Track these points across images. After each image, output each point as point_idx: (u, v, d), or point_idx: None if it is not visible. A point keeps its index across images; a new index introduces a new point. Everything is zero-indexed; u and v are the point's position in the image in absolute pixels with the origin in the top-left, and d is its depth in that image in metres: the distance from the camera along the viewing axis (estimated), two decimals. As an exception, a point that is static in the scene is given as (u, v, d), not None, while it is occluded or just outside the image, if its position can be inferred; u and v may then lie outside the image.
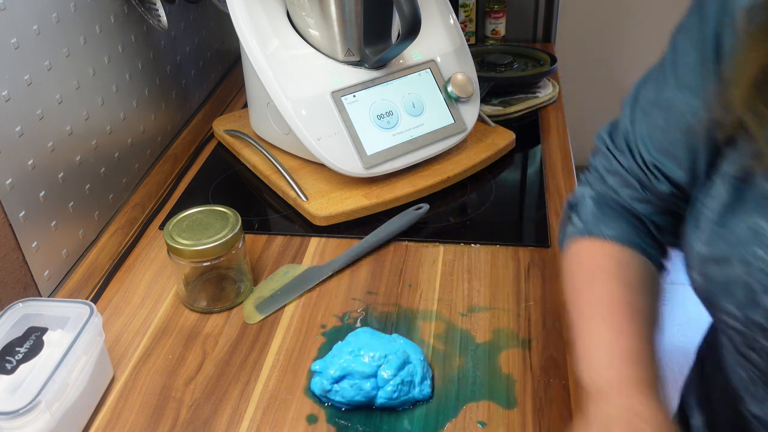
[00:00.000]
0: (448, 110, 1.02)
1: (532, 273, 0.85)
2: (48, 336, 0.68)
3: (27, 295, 0.82)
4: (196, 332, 0.80)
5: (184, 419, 0.70)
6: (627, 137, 0.63)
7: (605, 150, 0.66)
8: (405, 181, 1.00)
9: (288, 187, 0.99)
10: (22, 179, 0.80)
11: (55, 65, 0.85)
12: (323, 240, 0.94)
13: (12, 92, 0.78)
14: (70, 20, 0.88)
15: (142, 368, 0.76)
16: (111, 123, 0.99)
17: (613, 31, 2.17)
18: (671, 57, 0.58)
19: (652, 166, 0.60)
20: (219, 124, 1.19)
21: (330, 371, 0.70)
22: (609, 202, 0.65)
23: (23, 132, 0.80)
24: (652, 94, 0.60)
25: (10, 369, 0.64)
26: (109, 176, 0.99)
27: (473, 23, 1.49)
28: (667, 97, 0.58)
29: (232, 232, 0.79)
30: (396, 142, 0.98)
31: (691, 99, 0.56)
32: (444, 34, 1.06)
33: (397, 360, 0.70)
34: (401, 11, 0.88)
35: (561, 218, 0.70)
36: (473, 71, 1.07)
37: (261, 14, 0.96)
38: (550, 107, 1.25)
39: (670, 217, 0.63)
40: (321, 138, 0.94)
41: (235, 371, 0.75)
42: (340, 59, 0.99)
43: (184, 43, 1.21)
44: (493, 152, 1.06)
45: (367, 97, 0.98)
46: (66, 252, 0.90)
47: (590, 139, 0.74)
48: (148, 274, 0.90)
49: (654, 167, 0.60)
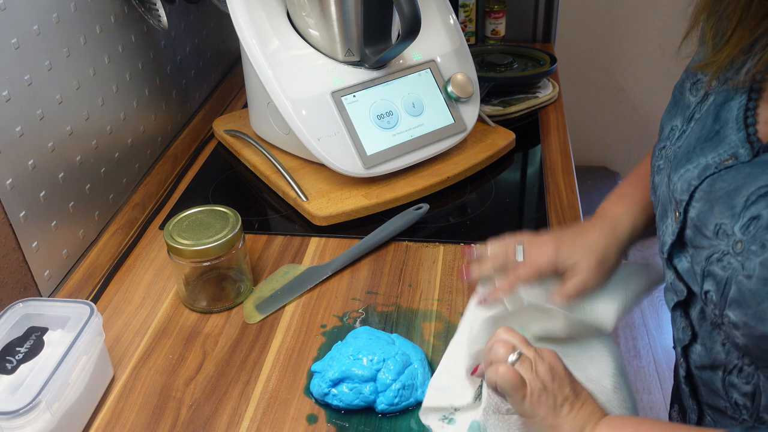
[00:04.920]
0: (448, 110, 1.03)
1: (532, 273, 0.85)
2: (48, 336, 0.68)
3: (27, 295, 0.82)
4: (196, 332, 0.80)
5: (184, 419, 0.70)
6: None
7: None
8: (405, 181, 1.00)
9: (288, 187, 0.99)
10: (22, 179, 0.80)
11: (55, 65, 0.85)
12: (323, 240, 0.94)
13: (12, 92, 0.78)
14: (70, 20, 0.88)
15: (142, 368, 0.76)
16: (111, 123, 0.99)
17: (613, 31, 2.17)
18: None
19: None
20: (219, 124, 1.19)
21: (329, 374, 0.70)
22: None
23: (23, 132, 0.80)
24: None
25: (11, 369, 0.64)
26: (109, 176, 0.99)
27: (473, 23, 1.49)
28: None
29: (232, 232, 0.79)
30: (396, 142, 0.98)
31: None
32: (444, 34, 1.06)
33: (397, 364, 0.69)
34: (401, 11, 0.88)
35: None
36: (473, 71, 1.07)
37: (261, 14, 0.96)
38: (550, 107, 1.25)
39: None
40: (321, 138, 0.94)
41: (235, 371, 0.75)
42: (340, 59, 0.99)
43: (184, 43, 1.21)
44: (493, 152, 1.06)
45: (367, 97, 0.98)
46: (66, 252, 0.90)
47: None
48: (148, 274, 0.90)
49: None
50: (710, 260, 0.59)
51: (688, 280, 0.63)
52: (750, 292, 0.54)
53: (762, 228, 0.54)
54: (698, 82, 0.66)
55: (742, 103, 0.60)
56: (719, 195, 0.58)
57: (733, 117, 0.60)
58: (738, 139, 0.59)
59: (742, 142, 0.58)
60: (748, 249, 0.55)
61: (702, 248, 0.60)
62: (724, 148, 0.60)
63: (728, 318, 0.57)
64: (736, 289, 0.56)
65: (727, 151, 0.59)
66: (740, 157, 0.58)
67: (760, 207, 0.54)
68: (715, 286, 0.58)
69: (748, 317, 0.55)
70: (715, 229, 0.58)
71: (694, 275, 0.61)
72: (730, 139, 0.59)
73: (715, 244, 0.58)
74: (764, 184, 0.54)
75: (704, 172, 0.60)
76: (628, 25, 2.15)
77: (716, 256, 0.58)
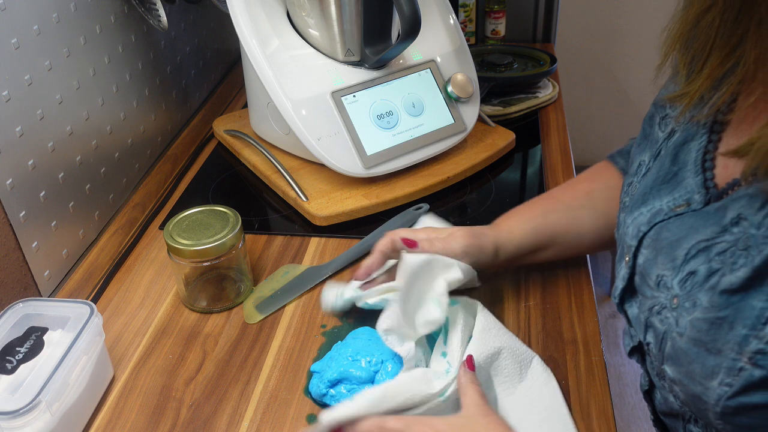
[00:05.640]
0: (448, 110, 1.03)
1: (532, 273, 0.85)
2: (48, 336, 0.68)
3: (27, 295, 0.82)
4: (196, 332, 0.80)
5: (184, 419, 0.70)
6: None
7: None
8: (405, 181, 1.00)
9: (288, 187, 0.99)
10: (22, 179, 0.80)
11: (55, 65, 0.85)
12: (323, 240, 0.94)
13: (12, 92, 0.78)
14: (70, 20, 0.88)
15: (142, 368, 0.76)
16: (111, 123, 0.99)
17: (613, 31, 2.17)
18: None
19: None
20: (219, 124, 1.19)
21: (327, 374, 0.70)
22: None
23: (23, 132, 0.80)
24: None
25: (11, 369, 0.64)
26: (109, 176, 0.99)
27: (473, 23, 1.49)
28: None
29: (232, 232, 0.79)
30: (396, 142, 0.98)
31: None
32: (444, 34, 1.06)
33: (395, 366, 0.69)
34: (401, 11, 0.88)
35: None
36: (473, 71, 1.07)
37: (261, 14, 0.96)
38: (550, 107, 1.25)
39: None
40: (321, 138, 0.94)
41: (235, 371, 0.75)
42: (340, 59, 0.99)
43: (184, 43, 1.21)
44: (493, 152, 1.06)
45: (367, 97, 0.98)
46: (66, 252, 0.90)
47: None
48: (148, 274, 0.90)
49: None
50: (652, 311, 0.57)
51: (636, 328, 0.61)
52: (681, 350, 0.53)
53: (697, 285, 0.52)
54: (667, 117, 0.64)
55: (701, 144, 0.57)
56: (663, 245, 0.56)
57: (692, 159, 0.58)
58: (695, 184, 0.56)
59: (698, 186, 0.56)
60: (682, 305, 0.53)
61: (646, 298, 0.58)
62: (680, 192, 0.57)
63: (666, 373, 0.56)
64: (670, 345, 0.54)
65: (682, 195, 0.57)
66: (693, 203, 0.56)
67: (699, 262, 0.52)
68: (654, 339, 0.57)
69: (682, 375, 0.53)
70: (657, 279, 0.56)
71: (640, 324, 0.59)
72: (687, 182, 0.57)
73: (656, 296, 0.56)
74: (705, 239, 0.52)
75: (654, 218, 0.58)
76: (628, 25, 2.15)
77: (656, 308, 0.56)
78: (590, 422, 0.66)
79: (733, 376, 0.49)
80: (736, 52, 0.54)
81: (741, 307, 0.48)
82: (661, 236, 0.57)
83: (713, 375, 0.50)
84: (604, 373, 0.71)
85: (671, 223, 0.56)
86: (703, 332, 0.50)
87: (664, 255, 0.56)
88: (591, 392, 0.69)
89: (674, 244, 0.55)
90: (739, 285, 0.48)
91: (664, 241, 0.56)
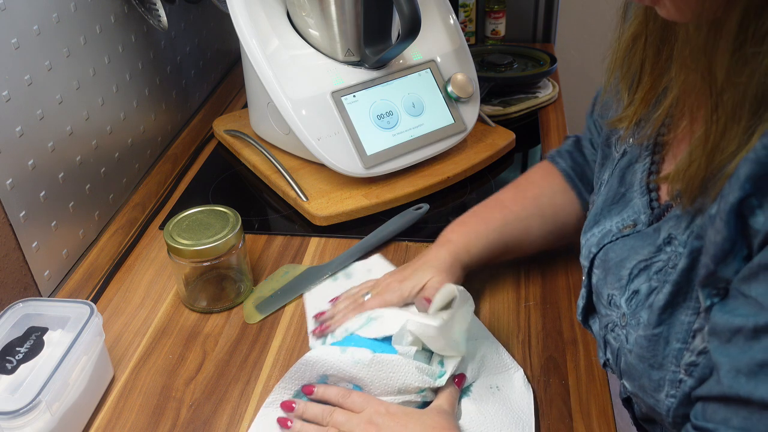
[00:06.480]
0: (448, 110, 1.03)
1: (532, 273, 0.85)
2: (48, 336, 0.68)
3: (27, 295, 0.82)
4: (196, 332, 0.80)
5: (184, 419, 0.70)
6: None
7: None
8: (405, 181, 1.00)
9: (288, 187, 0.99)
10: (22, 179, 0.80)
11: (55, 65, 0.85)
12: (323, 240, 0.94)
13: (12, 92, 0.78)
14: (70, 20, 0.88)
15: (142, 368, 0.76)
16: (111, 123, 0.99)
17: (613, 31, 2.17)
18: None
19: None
20: (219, 124, 1.19)
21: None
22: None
23: (23, 132, 0.80)
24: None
25: (11, 369, 0.64)
26: (109, 176, 0.99)
27: (473, 23, 1.49)
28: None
29: (232, 232, 0.79)
30: (396, 142, 0.98)
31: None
32: (444, 34, 1.06)
33: None
34: (401, 11, 0.88)
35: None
36: (473, 71, 1.07)
37: (261, 14, 0.96)
38: (550, 107, 1.25)
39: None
40: (321, 138, 0.94)
41: (235, 371, 0.75)
42: (340, 59, 0.99)
43: (184, 43, 1.21)
44: (493, 152, 1.06)
45: (367, 97, 0.98)
46: (66, 252, 0.90)
47: None
48: (148, 274, 0.90)
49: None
50: (607, 329, 0.59)
51: (599, 344, 0.63)
52: (632, 366, 0.55)
53: (640, 303, 0.54)
54: (620, 137, 0.66)
55: (645, 166, 0.60)
56: (610, 265, 0.58)
57: (638, 180, 0.60)
58: (642, 204, 0.58)
59: (644, 207, 0.58)
60: (629, 323, 0.55)
61: (602, 316, 0.60)
62: (628, 212, 0.60)
63: (625, 386, 0.58)
64: (624, 361, 0.56)
65: (630, 216, 0.59)
66: (639, 224, 0.58)
67: (641, 281, 0.54)
68: (611, 355, 0.59)
69: (636, 389, 0.56)
70: (608, 299, 0.58)
71: (600, 340, 0.62)
72: (635, 203, 0.59)
73: (609, 314, 0.59)
74: (644, 258, 0.55)
75: (603, 239, 0.61)
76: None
77: (610, 326, 0.59)
78: (590, 422, 0.66)
79: (675, 388, 0.51)
80: (664, 77, 0.57)
81: (672, 323, 0.51)
82: (608, 257, 0.59)
83: (660, 388, 0.53)
84: (604, 373, 0.71)
85: (617, 244, 0.59)
86: (645, 348, 0.53)
87: (612, 275, 0.58)
88: (591, 392, 0.69)
89: (619, 264, 0.57)
90: (666, 302, 0.51)
91: (611, 261, 0.59)
